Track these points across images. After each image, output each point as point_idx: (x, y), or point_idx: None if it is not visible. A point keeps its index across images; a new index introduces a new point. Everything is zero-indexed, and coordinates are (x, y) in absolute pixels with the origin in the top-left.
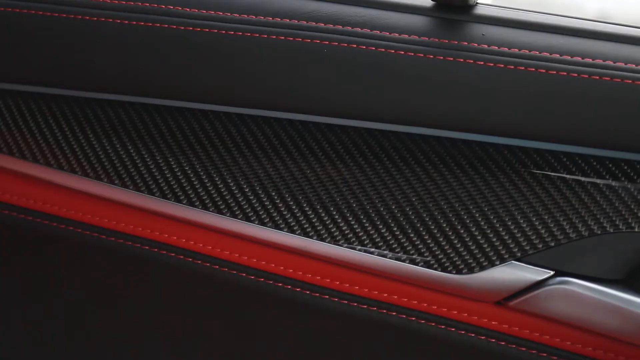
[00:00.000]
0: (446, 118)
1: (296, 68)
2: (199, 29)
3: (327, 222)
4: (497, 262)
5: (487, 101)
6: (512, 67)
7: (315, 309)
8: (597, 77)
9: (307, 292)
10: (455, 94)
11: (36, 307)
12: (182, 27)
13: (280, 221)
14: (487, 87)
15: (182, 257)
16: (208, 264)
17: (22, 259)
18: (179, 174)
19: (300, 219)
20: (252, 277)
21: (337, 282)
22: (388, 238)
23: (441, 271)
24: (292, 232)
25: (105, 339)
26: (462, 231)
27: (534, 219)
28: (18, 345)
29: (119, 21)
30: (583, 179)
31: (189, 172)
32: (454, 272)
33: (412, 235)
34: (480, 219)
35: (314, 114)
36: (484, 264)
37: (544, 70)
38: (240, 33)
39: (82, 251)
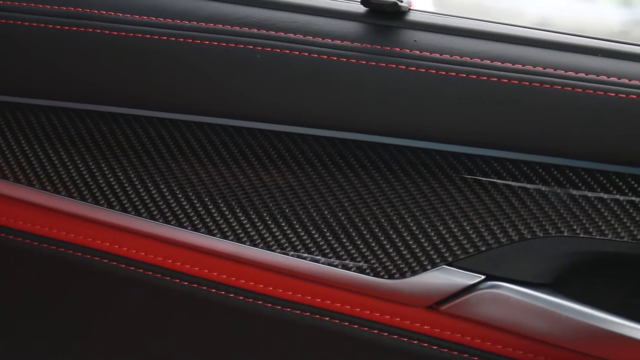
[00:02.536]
0: (378, 123)
1: (229, 73)
2: (131, 34)
3: (260, 228)
4: (429, 267)
5: (419, 107)
6: (444, 73)
7: (248, 314)
8: (527, 84)
9: (241, 298)
10: (387, 100)
11: None
12: (115, 32)
13: (213, 227)
14: (419, 92)
15: (115, 263)
16: (141, 270)
17: None
18: (110, 179)
19: (232, 224)
20: (186, 283)
21: (271, 288)
22: (320, 243)
23: (373, 276)
24: (225, 237)
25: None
26: (393, 236)
27: (465, 224)
28: None
29: (51, 26)
30: (514, 183)
31: (121, 177)
32: (386, 277)
33: (344, 240)
34: (411, 224)
35: (247, 119)
36: (416, 268)
37: (474, 77)
38: (174, 38)
39: (16, 258)
